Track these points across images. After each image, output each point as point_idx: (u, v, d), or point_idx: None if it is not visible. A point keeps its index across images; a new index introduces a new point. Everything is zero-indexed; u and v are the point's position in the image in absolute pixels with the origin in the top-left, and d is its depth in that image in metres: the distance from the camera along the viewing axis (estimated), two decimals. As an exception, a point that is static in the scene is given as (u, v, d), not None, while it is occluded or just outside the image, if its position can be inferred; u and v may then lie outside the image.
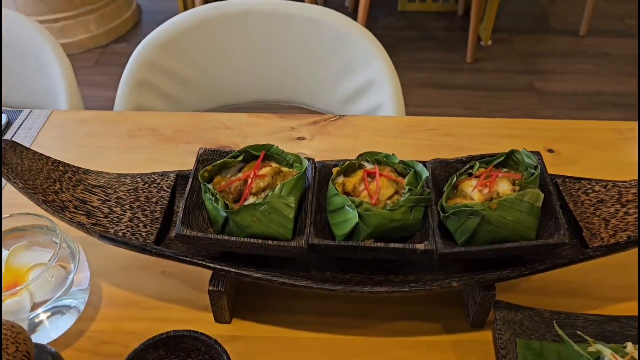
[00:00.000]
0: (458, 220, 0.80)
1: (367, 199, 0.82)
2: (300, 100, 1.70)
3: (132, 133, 1.33)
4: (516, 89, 3.82)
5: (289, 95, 1.72)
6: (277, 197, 0.78)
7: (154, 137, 1.35)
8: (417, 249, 0.79)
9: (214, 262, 0.82)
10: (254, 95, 1.70)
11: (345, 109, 1.60)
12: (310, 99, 1.68)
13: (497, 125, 1.32)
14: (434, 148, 1.37)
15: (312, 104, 1.67)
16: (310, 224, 0.81)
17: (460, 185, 0.85)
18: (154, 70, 1.55)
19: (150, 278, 0.98)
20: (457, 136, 1.30)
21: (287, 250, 0.78)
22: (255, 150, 0.87)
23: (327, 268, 0.85)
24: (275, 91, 1.73)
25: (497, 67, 4.02)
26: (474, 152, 0.93)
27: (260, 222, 0.78)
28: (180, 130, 1.37)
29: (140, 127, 1.36)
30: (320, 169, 0.89)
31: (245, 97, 1.69)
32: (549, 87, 3.85)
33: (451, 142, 1.33)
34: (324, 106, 1.65)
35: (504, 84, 3.85)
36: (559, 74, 3.94)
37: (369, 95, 1.59)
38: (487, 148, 1.33)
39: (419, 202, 0.82)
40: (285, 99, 1.70)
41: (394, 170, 0.88)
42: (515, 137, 1.38)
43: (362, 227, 0.79)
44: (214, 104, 1.68)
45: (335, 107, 1.62)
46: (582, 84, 3.88)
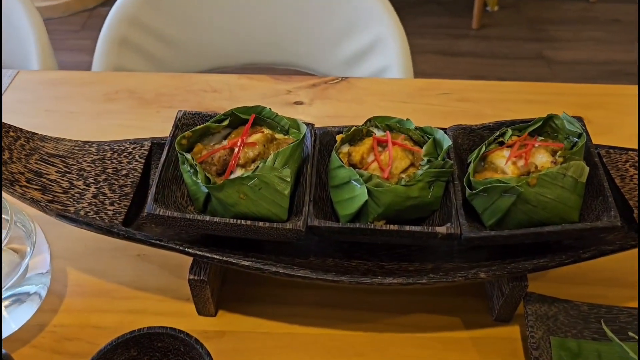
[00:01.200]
0: (488, 199, 0.65)
1: (377, 172, 0.68)
2: (298, 63, 1.56)
3: (108, 96, 1.21)
4: (524, 57, 3.64)
5: (285, 57, 1.57)
6: (269, 169, 0.69)
7: (132, 101, 1.20)
8: (438, 232, 0.65)
9: (194, 247, 0.68)
10: (246, 57, 1.55)
11: (347, 72, 1.45)
12: (308, 61, 1.54)
13: (520, 90, 1.19)
14: (449, 115, 1.22)
15: (310, 67, 1.52)
16: (309, 201, 0.72)
17: (489, 156, 0.70)
18: (136, 28, 1.46)
19: (124, 262, 0.90)
20: (475, 101, 1.17)
21: (282, 234, 0.69)
22: (244, 113, 0.72)
23: (329, 254, 0.76)
24: (270, 53, 1.58)
25: (504, 34, 3.84)
26: (494, 119, 0.84)
27: (249, 200, 0.69)
28: (162, 93, 1.21)
29: (117, 89, 1.22)
30: (321, 137, 0.74)
31: (236, 59, 1.54)
32: (558, 55, 3.68)
33: (468, 108, 1.18)
34: (324, 69, 1.50)
35: (511, 52, 3.68)
36: (569, 41, 3.77)
37: (374, 56, 1.48)
38: (509, 115, 1.18)
39: (439, 176, 0.68)
40: (281, 61, 1.55)
41: (409, 138, 0.72)
42: (540, 103, 1.24)
43: (372, 206, 0.65)
44: (201, 67, 1.53)
45: (336, 70, 1.47)
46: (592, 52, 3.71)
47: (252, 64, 1.66)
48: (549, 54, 3.70)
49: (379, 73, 1.52)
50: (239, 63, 1.60)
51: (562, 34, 3.91)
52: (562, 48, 3.79)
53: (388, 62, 1.50)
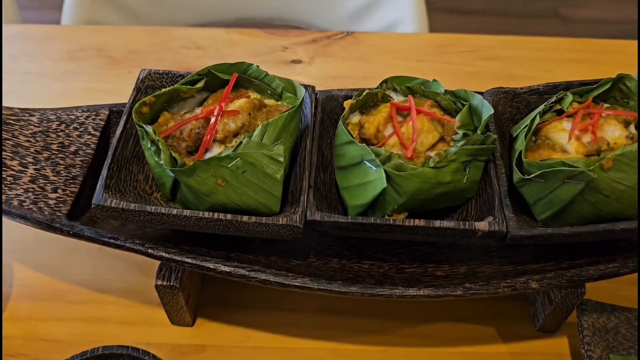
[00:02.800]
0: (545, 186, 0.49)
1: (397, 149, 0.52)
2: (297, 18, 1.39)
3: (71, 54, 1.09)
4: (538, 15, 3.43)
5: (281, 12, 1.40)
6: (256, 146, 0.57)
7: (100, 60, 1.03)
8: (478, 230, 0.49)
9: (159, 248, 0.60)
10: (236, 11, 1.38)
11: (353, 27, 1.26)
12: (308, 15, 1.36)
13: (557, 47, 1.03)
14: (473, 76, 1.05)
15: (311, 23, 1.35)
16: (308, 188, 0.59)
17: (543, 129, 0.53)
18: None
19: (83, 257, 0.77)
20: (503, 60, 1.08)
21: (273, 231, 0.56)
22: (224, 72, 0.55)
23: (333, 253, 0.63)
24: (264, 6, 1.41)
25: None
26: (528, 82, 0.72)
27: (230, 187, 0.56)
28: (135, 50, 1.03)
29: (82, 45, 1.04)
30: (324, 102, 0.57)
31: (225, 14, 1.37)
32: (576, 13, 3.47)
33: (496, 67, 1.00)
34: (327, 25, 1.31)
35: (524, 10, 3.46)
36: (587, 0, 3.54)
37: (383, 9, 1.40)
38: (546, 77, 1.00)
39: (478, 154, 0.52)
40: (278, 15, 1.37)
41: (437, 104, 0.54)
42: (583, 63, 1.06)
43: (392, 195, 0.51)
44: (186, 22, 1.32)
45: (340, 26, 1.28)
46: (611, 11, 3.50)
47: (244, 19, 1.47)
48: (566, 12, 3.49)
49: (389, 28, 1.33)
50: (229, 18, 1.44)
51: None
52: (579, 6, 3.58)
53: (399, 15, 1.31)
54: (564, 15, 3.43)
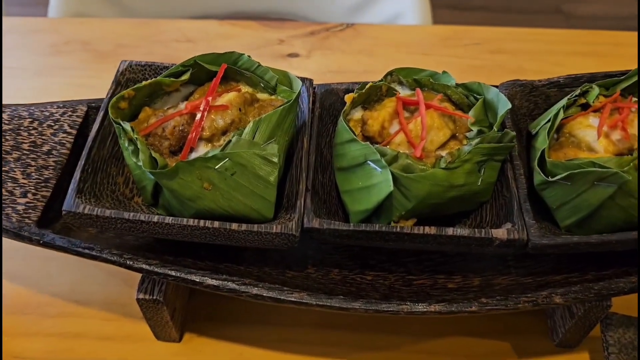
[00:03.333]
0: (571, 189, 0.43)
1: (405, 148, 0.46)
2: (294, 11, 1.33)
3: (56, 48, 1.05)
4: (540, 11, 3.37)
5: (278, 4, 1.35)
6: (247, 145, 0.52)
7: (85, 54, 0.98)
8: (495, 238, 0.46)
9: (140, 259, 0.55)
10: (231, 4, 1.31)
11: (353, 20, 1.19)
12: (306, 8, 1.31)
13: (566, 39, 0.98)
14: (481, 70, 0.99)
15: (308, 16, 1.27)
16: (305, 191, 0.54)
17: (567, 125, 0.47)
18: None
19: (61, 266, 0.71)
20: (512, 53, 1.03)
21: (266, 240, 0.51)
22: (212, 63, 0.49)
23: (334, 263, 0.58)
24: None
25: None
26: (539, 76, 0.66)
27: (218, 191, 0.51)
28: (123, 44, 0.97)
29: (68, 39, 0.99)
30: (322, 97, 0.51)
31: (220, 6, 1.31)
32: (578, 9, 3.41)
33: (505, 61, 0.94)
34: (325, 19, 1.24)
35: (526, 6, 3.40)
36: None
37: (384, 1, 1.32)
38: (557, 71, 0.94)
39: (494, 153, 0.46)
40: (274, 9, 1.33)
41: (448, 99, 0.48)
42: (596, 56, 1.00)
43: (399, 200, 0.48)
44: (177, 16, 1.26)
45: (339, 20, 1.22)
46: (615, 6, 3.44)
47: (239, 12, 1.41)
48: (568, 8, 3.44)
49: (390, 21, 1.27)
50: (223, 12, 1.36)
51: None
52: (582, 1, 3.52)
53: (401, 8, 1.25)
54: (566, 11, 3.37)
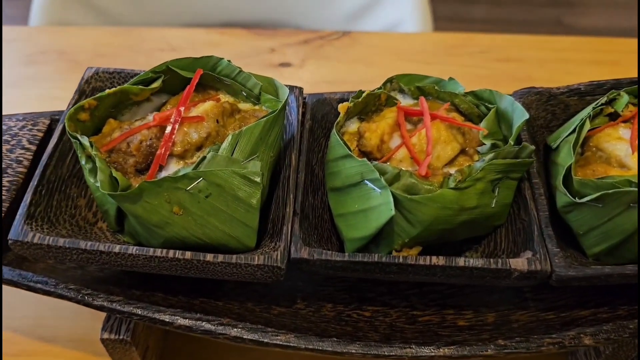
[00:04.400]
0: (603, 212, 0.37)
1: (407, 164, 0.40)
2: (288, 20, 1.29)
3: (31, 58, 1.01)
4: (542, 23, 3.33)
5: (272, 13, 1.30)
6: (225, 162, 0.45)
7: (62, 64, 0.93)
8: (514, 269, 0.44)
9: (100, 294, 0.48)
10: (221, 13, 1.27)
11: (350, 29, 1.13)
12: (300, 17, 1.25)
13: (577, 47, 0.96)
14: (488, 79, 0.93)
15: (303, 26, 1.20)
16: (293, 215, 0.47)
17: (593, 138, 0.40)
18: None
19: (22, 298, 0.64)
20: (520, 61, 0.98)
21: (246, 272, 0.44)
22: (186, 68, 0.43)
23: (327, 297, 0.51)
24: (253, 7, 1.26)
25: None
26: (550, 84, 0.61)
27: (190, 216, 0.44)
28: (103, 53, 0.90)
29: (44, 48, 0.93)
30: (314, 108, 0.45)
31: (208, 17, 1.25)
32: (579, 22, 3.37)
33: (514, 70, 0.88)
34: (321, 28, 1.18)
35: (527, 18, 3.36)
36: (591, 7, 3.45)
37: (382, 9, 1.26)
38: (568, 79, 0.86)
39: (510, 170, 0.38)
40: (267, 18, 1.27)
41: (455, 108, 0.41)
42: (609, 64, 0.94)
43: (402, 226, 0.45)
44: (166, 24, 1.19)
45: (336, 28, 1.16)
46: (615, 19, 3.40)
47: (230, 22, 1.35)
48: (570, 21, 3.40)
49: (390, 30, 1.21)
50: (213, 22, 1.28)
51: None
52: (582, 14, 3.49)
53: (400, 15, 1.19)
54: (567, 23, 3.33)
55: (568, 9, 3.36)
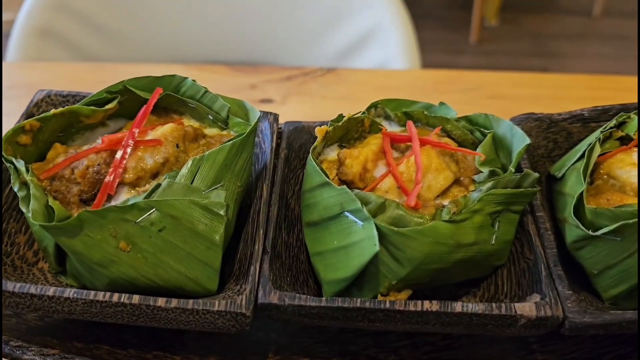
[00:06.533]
0: (621, 247, 0.30)
1: (394, 196, 0.39)
2: (272, 60, 1.21)
3: None
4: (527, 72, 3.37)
5: (255, 53, 1.23)
6: (183, 191, 0.39)
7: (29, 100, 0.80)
8: (520, 316, 0.37)
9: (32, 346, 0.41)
10: (204, 52, 1.25)
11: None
12: (287, 56, 1.20)
13: (572, 84, 0.93)
14: None
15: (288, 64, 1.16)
16: (262, 254, 0.41)
17: (605, 164, 0.33)
18: (62, 14, 1.17)
19: None
20: (512, 99, 0.93)
21: (205, 321, 0.37)
22: (146, 88, 0.36)
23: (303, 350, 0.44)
24: (237, 47, 1.29)
25: (504, 49, 3.58)
26: None
27: (140, 253, 0.38)
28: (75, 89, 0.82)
29: (12, 83, 0.85)
30: (290, 136, 0.40)
31: (191, 56, 1.21)
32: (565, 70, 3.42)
33: (507, 107, 0.84)
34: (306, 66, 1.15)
35: (513, 67, 3.40)
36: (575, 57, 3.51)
37: (370, 48, 1.23)
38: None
39: (512, 202, 0.31)
40: (251, 57, 1.21)
41: (446, 135, 0.35)
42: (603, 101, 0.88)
43: (388, 264, 0.40)
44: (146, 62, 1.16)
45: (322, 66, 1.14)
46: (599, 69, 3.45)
47: (214, 62, 1.31)
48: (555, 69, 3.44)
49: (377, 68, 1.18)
50: (195, 60, 1.24)
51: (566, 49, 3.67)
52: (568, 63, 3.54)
53: (388, 55, 1.17)
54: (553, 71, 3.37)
55: (553, 60, 3.41)
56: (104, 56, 1.26)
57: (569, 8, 3.86)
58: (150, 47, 1.29)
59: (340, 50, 1.27)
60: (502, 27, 3.73)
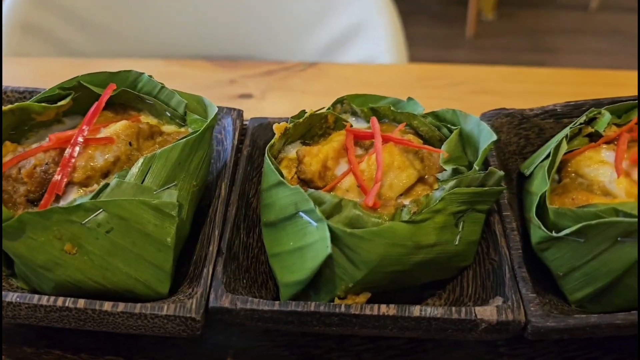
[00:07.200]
0: (586, 248, 0.28)
1: (355, 195, 0.41)
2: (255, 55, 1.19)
3: None
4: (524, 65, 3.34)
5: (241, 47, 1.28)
6: (132, 190, 0.38)
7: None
8: (480, 320, 0.36)
9: None
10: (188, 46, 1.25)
11: (321, 62, 1.10)
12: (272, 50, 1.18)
13: (560, 79, 0.97)
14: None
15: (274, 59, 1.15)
16: (217, 255, 0.39)
17: (572, 162, 0.31)
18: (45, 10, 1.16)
19: None
20: (499, 94, 0.91)
21: (154, 325, 0.36)
22: (101, 84, 0.34)
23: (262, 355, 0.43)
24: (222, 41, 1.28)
25: (501, 44, 3.55)
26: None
27: (86, 256, 0.36)
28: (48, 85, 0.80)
29: None
30: (255, 132, 0.40)
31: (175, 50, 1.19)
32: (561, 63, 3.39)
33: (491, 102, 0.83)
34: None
35: (509, 62, 3.38)
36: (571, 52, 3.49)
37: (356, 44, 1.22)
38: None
39: (476, 201, 0.39)
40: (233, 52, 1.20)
41: (414, 132, 0.33)
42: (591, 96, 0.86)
43: (344, 267, 0.38)
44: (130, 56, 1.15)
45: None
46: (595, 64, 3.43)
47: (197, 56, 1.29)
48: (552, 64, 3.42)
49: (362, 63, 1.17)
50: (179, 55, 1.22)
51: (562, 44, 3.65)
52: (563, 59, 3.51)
53: (374, 50, 1.15)
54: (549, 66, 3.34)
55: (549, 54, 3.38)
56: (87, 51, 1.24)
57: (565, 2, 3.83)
58: (134, 42, 1.27)
59: (326, 45, 1.25)
60: (499, 22, 3.69)
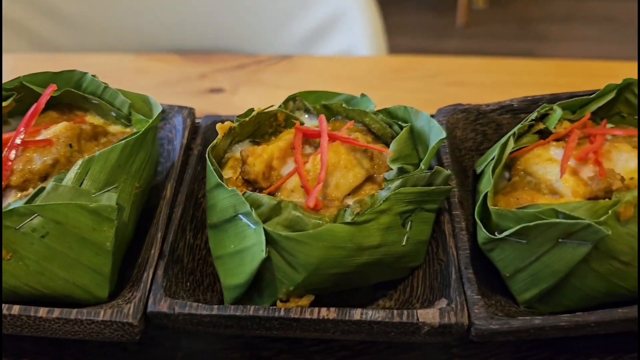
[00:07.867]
0: (528, 249, 0.27)
1: (301, 196, 0.40)
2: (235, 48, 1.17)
3: None
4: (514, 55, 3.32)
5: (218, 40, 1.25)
6: (69, 193, 0.37)
7: None
8: (422, 323, 0.36)
9: None
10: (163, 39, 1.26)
11: (298, 54, 1.08)
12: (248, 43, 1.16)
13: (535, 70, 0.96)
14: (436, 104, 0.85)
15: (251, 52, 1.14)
16: (158, 258, 0.39)
17: (522, 159, 0.31)
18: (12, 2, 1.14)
19: None
20: (472, 85, 0.91)
21: (91, 331, 0.35)
22: (43, 84, 0.35)
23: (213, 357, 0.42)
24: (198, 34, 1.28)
25: (492, 32, 3.53)
26: None
27: (22, 261, 0.36)
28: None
29: None
30: (207, 131, 0.39)
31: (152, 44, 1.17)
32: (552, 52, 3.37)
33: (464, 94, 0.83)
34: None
35: (499, 50, 3.36)
36: (561, 40, 3.47)
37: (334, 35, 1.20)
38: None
39: (423, 201, 0.37)
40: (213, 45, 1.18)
41: (366, 128, 0.32)
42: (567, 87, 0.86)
43: (283, 270, 0.38)
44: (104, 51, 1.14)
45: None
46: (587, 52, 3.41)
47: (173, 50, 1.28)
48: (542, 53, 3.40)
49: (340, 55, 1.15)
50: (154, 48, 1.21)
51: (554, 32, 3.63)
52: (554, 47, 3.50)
53: (351, 41, 1.14)
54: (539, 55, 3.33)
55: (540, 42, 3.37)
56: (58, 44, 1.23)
57: (556, -10, 3.79)
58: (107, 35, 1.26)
59: (304, 37, 1.24)
60: (490, 10, 3.67)
